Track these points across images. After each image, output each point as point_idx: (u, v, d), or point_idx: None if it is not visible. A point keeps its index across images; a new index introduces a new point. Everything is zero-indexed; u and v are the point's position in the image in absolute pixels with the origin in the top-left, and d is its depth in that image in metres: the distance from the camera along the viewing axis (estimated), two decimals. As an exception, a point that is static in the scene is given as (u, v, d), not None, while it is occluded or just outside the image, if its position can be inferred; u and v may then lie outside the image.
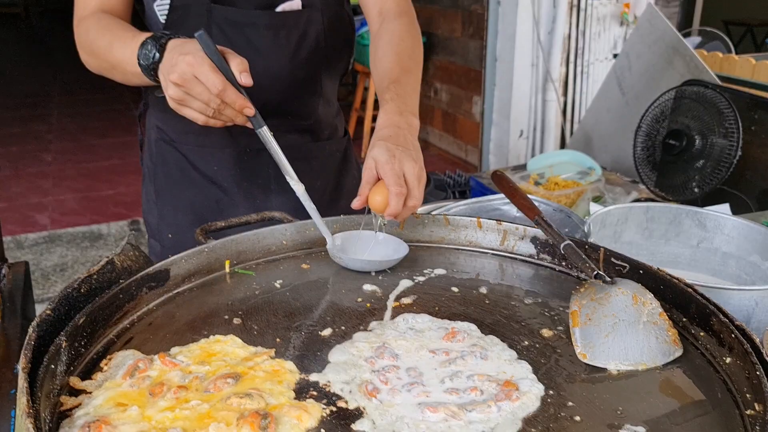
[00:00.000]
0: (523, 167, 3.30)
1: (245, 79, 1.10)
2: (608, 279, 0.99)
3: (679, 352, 0.91)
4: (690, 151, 2.52)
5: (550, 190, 2.87)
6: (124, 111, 6.93)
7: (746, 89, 2.61)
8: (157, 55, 1.15)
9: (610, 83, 3.49)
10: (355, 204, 1.13)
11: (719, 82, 2.65)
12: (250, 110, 1.12)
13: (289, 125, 1.45)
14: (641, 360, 0.89)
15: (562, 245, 1.07)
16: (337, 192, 1.56)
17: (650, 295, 0.95)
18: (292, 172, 1.15)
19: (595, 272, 1.00)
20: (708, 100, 2.50)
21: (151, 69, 1.16)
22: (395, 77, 1.27)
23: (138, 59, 1.17)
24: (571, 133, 4.22)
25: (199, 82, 1.08)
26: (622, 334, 0.90)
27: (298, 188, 1.15)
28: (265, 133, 1.13)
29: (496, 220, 1.23)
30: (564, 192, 2.77)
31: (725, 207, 1.81)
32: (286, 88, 1.40)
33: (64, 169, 5.17)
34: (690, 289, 0.96)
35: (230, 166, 1.45)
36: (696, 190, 2.51)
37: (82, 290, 0.96)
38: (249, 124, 1.14)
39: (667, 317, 0.94)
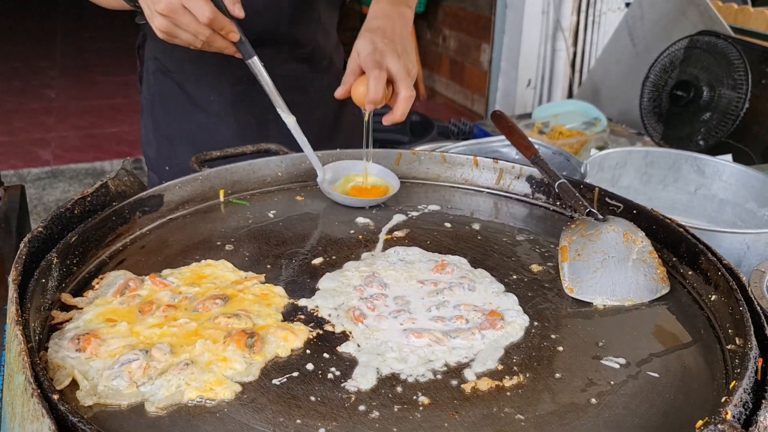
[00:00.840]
0: (528, 116, 3.26)
1: (237, 11, 1.07)
2: (600, 217, 0.98)
3: (665, 290, 0.91)
4: (697, 103, 2.48)
5: (554, 138, 2.85)
6: (129, 50, 6.84)
7: (760, 41, 2.55)
8: None
9: (621, 33, 3.42)
10: (338, 93, 1.16)
11: (732, 34, 2.60)
12: (235, 35, 1.08)
13: (287, 53, 1.42)
14: (627, 296, 0.89)
15: (557, 183, 1.07)
16: (335, 126, 1.55)
17: (641, 234, 0.95)
18: (282, 103, 1.12)
19: (588, 209, 1.00)
20: (719, 51, 2.45)
21: None
22: None
23: None
24: (580, 83, 4.15)
25: (186, 11, 1.03)
26: (610, 271, 0.91)
27: (289, 120, 1.13)
28: (256, 63, 1.10)
29: (493, 158, 1.22)
30: (567, 141, 2.75)
31: (727, 157, 1.79)
32: (284, 14, 1.38)
33: (67, 106, 5.14)
34: (681, 229, 0.96)
35: (227, 96, 1.43)
36: (701, 142, 2.48)
37: (76, 211, 0.97)
38: (239, 55, 1.11)
39: (657, 255, 0.94)
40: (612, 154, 1.34)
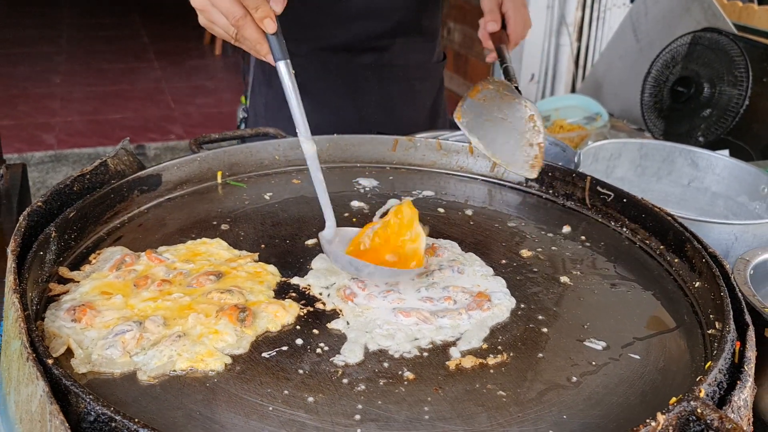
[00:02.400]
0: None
1: (269, 27, 0.93)
2: (520, 93, 1.07)
3: (530, 175, 1.02)
4: (698, 99, 2.49)
5: (554, 132, 2.85)
6: (135, 37, 6.85)
7: (763, 39, 2.55)
8: None
9: (624, 29, 3.42)
10: (491, 28, 1.29)
11: (735, 31, 2.60)
12: (271, 24, 0.92)
13: (415, 42, 1.50)
14: (497, 154, 1.00)
15: (503, 66, 1.15)
16: (433, 111, 1.61)
17: (543, 124, 1.05)
18: (304, 126, 0.93)
19: (516, 86, 1.08)
20: (721, 48, 2.46)
21: None
22: None
23: None
24: (583, 78, 4.16)
25: (215, 9, 0.95)
26: (498, 128, 1.01)
27: (309, 148, 0.93)
28: (283, 68, 0.91)
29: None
30: (567, 135, 2.75)
31: (724, 152, 1.80)
32: (418, 3, 1.45)
33: (72, 91, 5.16)
34: (669, 218, 0.97)
35: (351, 76, 1.48)
36: (701, 139, 2.49)
37: (75, 188, 0.99)
38: (270, 58, 0.95)
39: (543, 149, 1.04)
40: (607, 145, 1.35)
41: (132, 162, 1.11)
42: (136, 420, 0.57)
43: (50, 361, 0.63)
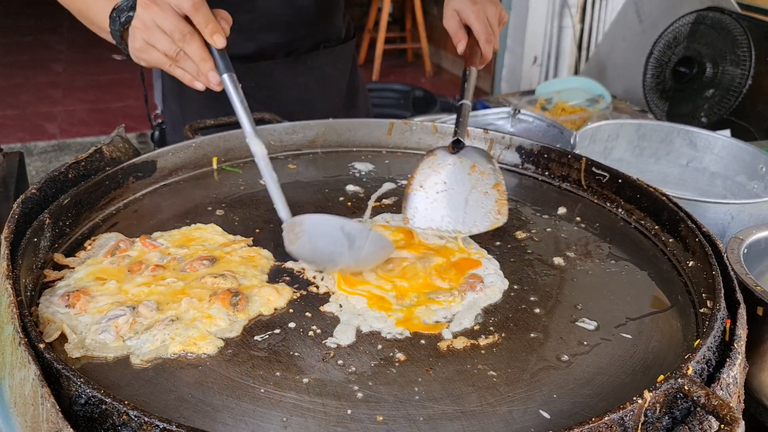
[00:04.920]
0: (532, 92, 3.25)
1: (219, 42, 0.92)
2: (456, 148, 1.01)
3: (501, 222, 0.96)
4: (700, 80, 2.47)
5: (556, 115, 2.84)
6: (136, 25, 6.82)
7: (766, 18, 2.53)
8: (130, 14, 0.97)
9: (628, 10, 3.39)
10: (460, 50, 1.17)
11: (738, 10, 2.57)
12: (221, 38, 0.91)
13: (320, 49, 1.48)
14: (456, 227, 0.94)
15: (459, 102, 1.09)
16: (350, 90, 1.58)
17: (493, 166, 0.99)
18: (251, 130, 0.92)
19: (454, 139, 1.02)
20: (724, 27, 2.43)
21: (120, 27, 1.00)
22: None
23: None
24: (586, 60, 4.13)
25: (158, 29, 0.92)
26: (446, 201, 0.96)
27: (258, 150, 0.93)
28: (227, 81, 0.91)
29: (483, 129, 1.23)
30: (569, 117, 2.74)
31: (725, 132, 1.79)
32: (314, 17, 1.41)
33: (74, 81, 5.16)
34: (663, 198, 0.97)
35: (264, 77, 1.44)
36: (704, 119, 2.47)
37: (70, 175, 0.99)
38: (212, 76, 0.92)
39: (502, 188, 0.97)
40: (604, 126, 1.35)
41: (128, 149, 1.11)
42: (126, 402, 0.58)
43: (42, 345, 0.64)
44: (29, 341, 0.64)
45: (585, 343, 0.76)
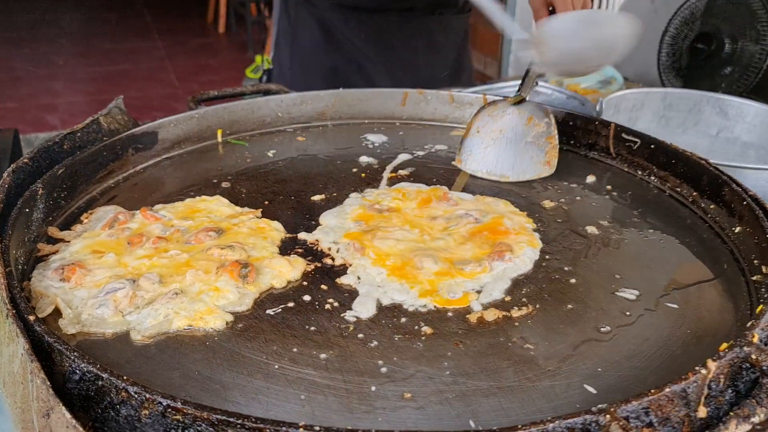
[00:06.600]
0: (542, 76, 3.18)
1: None
2: (517, 99, 1.02)
3: (548, 172, 0.97)
4: (718, 56, 2.39)
5: (568, 97, 2.77)
6: (137, 17, 6.77)
7: (785, -8, 2.44)
8: None
9: (638, -11, 3.31)
10: None
11: (756, -16, 2.49)
12: None
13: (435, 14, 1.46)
14: (505, 173, 0.96)
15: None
16: (457, 64, 1.57)
17: (549, 119, 0.99)
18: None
19: (517, 94, 1.02)
20: (742, 2, 2.35)
21: None
22: None
23: None
24: (595, 44, 4.04)
25: None
26: (499, 148, 0.98)
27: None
28: None
29: (504, 96, 1.16)
30: (582, 98, 2.66)
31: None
32: None
33: (75, 72, 5.09)
34: (703, 161, 0.90)
35: (376, 32, 1.40)
36: (721, 98, 2.40)
37: (65, 146, 0.93)
38: None
39: (555, 141, 0.98)
40: (628, 95, 1.28)
41: (126, 121, 1.05)
42: (125, 377, 0.51)
43: (32, 318, 0.58)
44: (17, 313, 0.57)
45: (628, 313, 0.70)
